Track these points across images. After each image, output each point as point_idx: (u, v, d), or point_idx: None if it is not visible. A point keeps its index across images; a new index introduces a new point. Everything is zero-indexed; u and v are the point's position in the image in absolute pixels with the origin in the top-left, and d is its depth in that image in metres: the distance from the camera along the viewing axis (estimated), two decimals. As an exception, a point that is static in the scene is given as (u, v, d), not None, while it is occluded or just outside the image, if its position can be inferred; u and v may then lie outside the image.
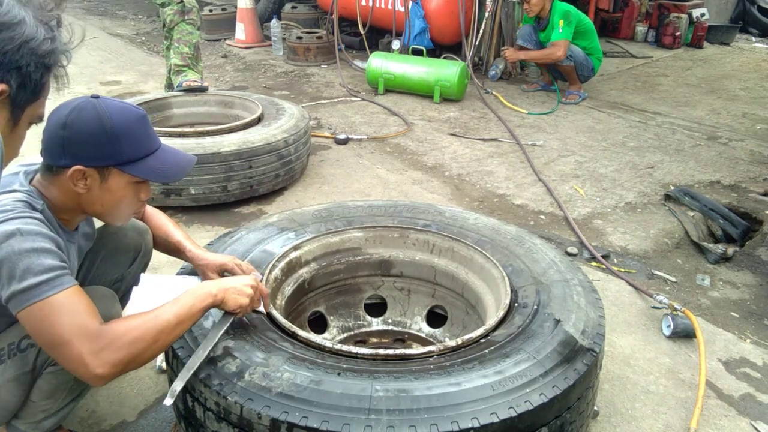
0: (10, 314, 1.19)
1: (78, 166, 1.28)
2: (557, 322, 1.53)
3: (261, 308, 1.56)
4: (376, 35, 6.70)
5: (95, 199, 1.35)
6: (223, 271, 1.66)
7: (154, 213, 1.77)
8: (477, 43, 5.73)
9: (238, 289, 1.37)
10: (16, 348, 1.35)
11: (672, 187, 3.51)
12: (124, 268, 1.75)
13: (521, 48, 5.22)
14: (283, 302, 1.81)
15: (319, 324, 2.06)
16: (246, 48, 7.14)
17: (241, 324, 1.49)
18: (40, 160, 1.42)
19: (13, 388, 1.39)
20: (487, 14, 5.63)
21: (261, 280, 1.69)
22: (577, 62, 5.01)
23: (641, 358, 2.13)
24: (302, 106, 4.19)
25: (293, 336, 1.49)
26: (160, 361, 1.95)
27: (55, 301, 1.15)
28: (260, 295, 1.45)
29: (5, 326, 1.37)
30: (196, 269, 1.70)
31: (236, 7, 7.29)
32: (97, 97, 1.34)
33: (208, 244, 1.91)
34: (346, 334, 2.06)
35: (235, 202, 3.16)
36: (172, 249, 1.73)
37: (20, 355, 1.35)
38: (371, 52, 5.55)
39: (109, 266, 1.72)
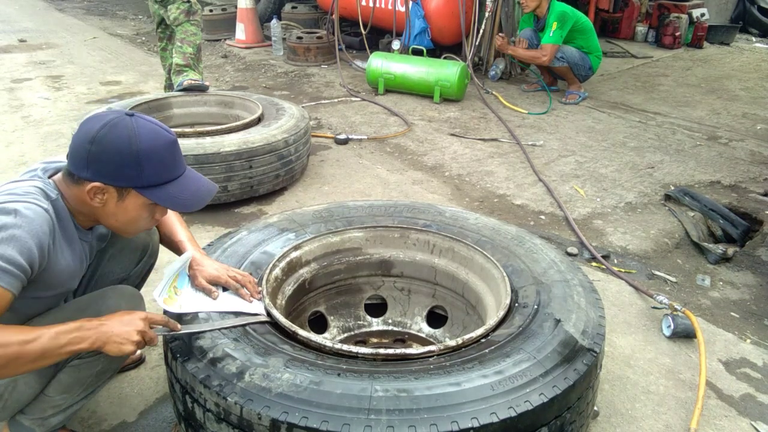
0: (37, 296, 1.28)
1: (97, 183, 1.28)
2: (557, 322, 1.53)
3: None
4: (377, 35, 6.70)
5: (110, 214, 1.36)
6: (215, 284, 1.62)
7: None
8: (477, 43, 5.73)
9: (124, 336, 1.28)
10: None
11: (672, 187, 3.51)
12: (131, 267, 1.75)
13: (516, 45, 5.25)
14: (284, 302, 1.81)
15: (319, 324, 2.06)
16: (246, 48, 7.14)
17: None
18: (60, 159, 1.44)
19: (32, 381, 1.39)
20: (487, 14, 5.63)
21: (261, 281, 1.69)
22: (571, 62, 5.00)
23: (641, 359, 2.12)
24: (302, 106, 4.19)
25: (293, 336, 1.49)
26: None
27: None
28: (149, 337, 1.33)
29: (39, 307, 1.38)
30: (189, 272, 1.64)
31: (236, 7, 7.29)
32: (131, 114, 1.33)
33: (208, 245, 1.91)
34: (346, 334, 2.06)
35: (235, 202, 3.16)
36: (174, 247, 1.73)
37: None
38: (371, 52, 5.55)
39: (115, 265, 1.71)
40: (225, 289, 1.62)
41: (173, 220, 1.75)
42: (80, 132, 1.31)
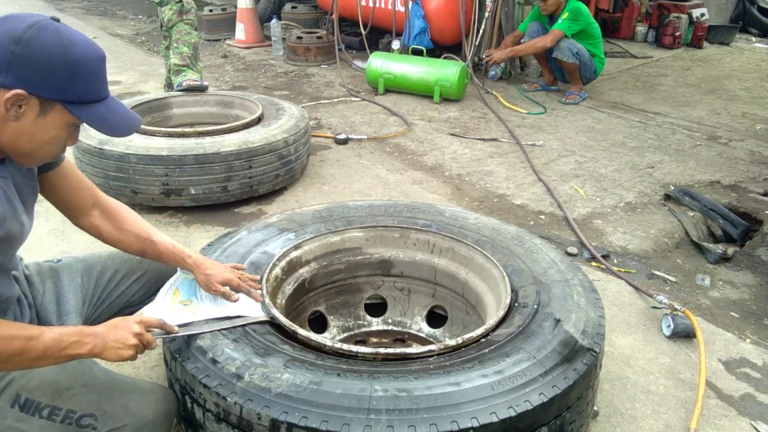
0: None
1: (20, 91, 1.10)
2: (557, 321, 1.53)
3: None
4: (376, 35, 6.70)
5: (24, 132, 1.15)
6: (227, 286, 1.57)
7: (129, 213, 1.60)
8: (477, 43, 5.73)
9: (120, 341, 1.25)
10: (75, 421, 1.27)
11: (672, 187, 3.51)
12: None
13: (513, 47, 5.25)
14: (284, 301, 1.81)
15: (319, 323, 2.06)
16: (246, 48, 7.14)
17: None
18: None
19: None
20: (487, 14, 5.63)
21: (261, 281, 1.69)
22: (582, 62, 5.00)
23: (641, 358, 2.12)
24: (302, 106, 4.19)
25: (293, 335, 1.49)
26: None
27: None
28: (146, 340, 1.30)
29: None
30: (197, 278, 1.58)
31: (236, 7, 7.28)
32: (57, 20, 1.16)
33: (208, 245, 1.91)
34: (346, 334, 2.06)
35: (235, 202, 3.15)
36: (165, 254, 1.58)
37: (75, 428, 1.28)
38: (371, 52, 5.55)
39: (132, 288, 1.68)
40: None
41: (146, 223, 1.59)
42: None
